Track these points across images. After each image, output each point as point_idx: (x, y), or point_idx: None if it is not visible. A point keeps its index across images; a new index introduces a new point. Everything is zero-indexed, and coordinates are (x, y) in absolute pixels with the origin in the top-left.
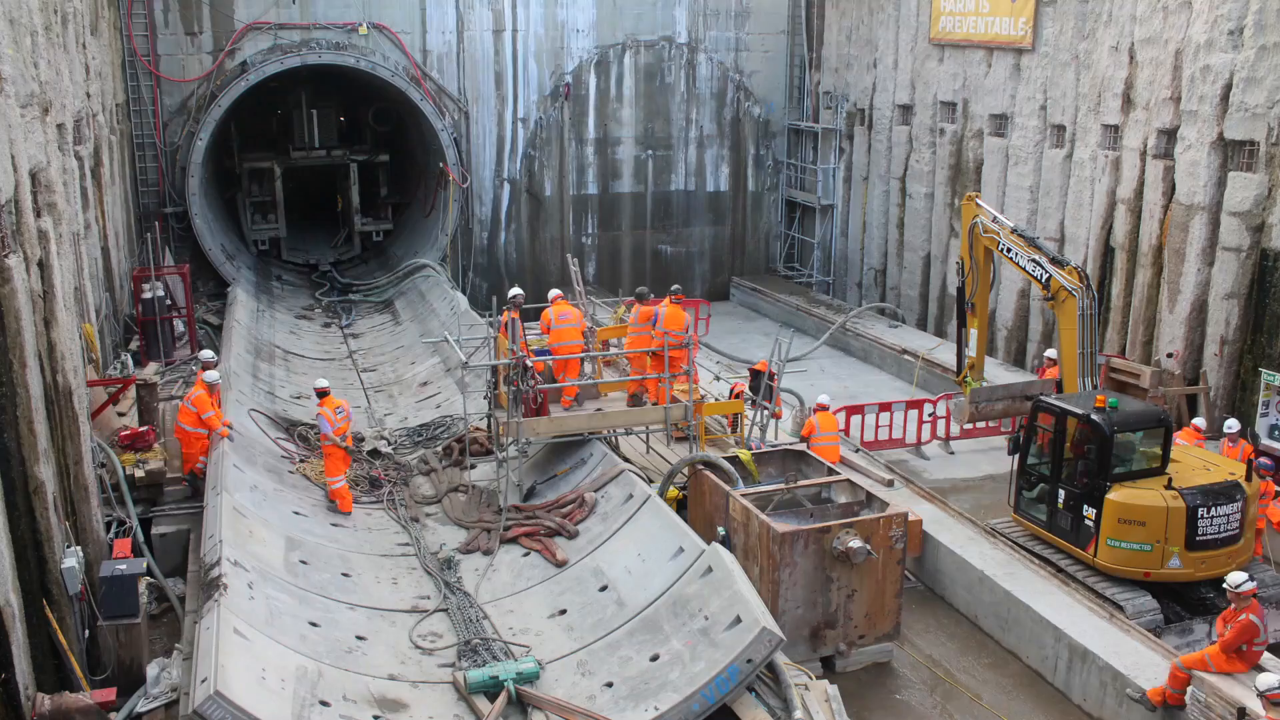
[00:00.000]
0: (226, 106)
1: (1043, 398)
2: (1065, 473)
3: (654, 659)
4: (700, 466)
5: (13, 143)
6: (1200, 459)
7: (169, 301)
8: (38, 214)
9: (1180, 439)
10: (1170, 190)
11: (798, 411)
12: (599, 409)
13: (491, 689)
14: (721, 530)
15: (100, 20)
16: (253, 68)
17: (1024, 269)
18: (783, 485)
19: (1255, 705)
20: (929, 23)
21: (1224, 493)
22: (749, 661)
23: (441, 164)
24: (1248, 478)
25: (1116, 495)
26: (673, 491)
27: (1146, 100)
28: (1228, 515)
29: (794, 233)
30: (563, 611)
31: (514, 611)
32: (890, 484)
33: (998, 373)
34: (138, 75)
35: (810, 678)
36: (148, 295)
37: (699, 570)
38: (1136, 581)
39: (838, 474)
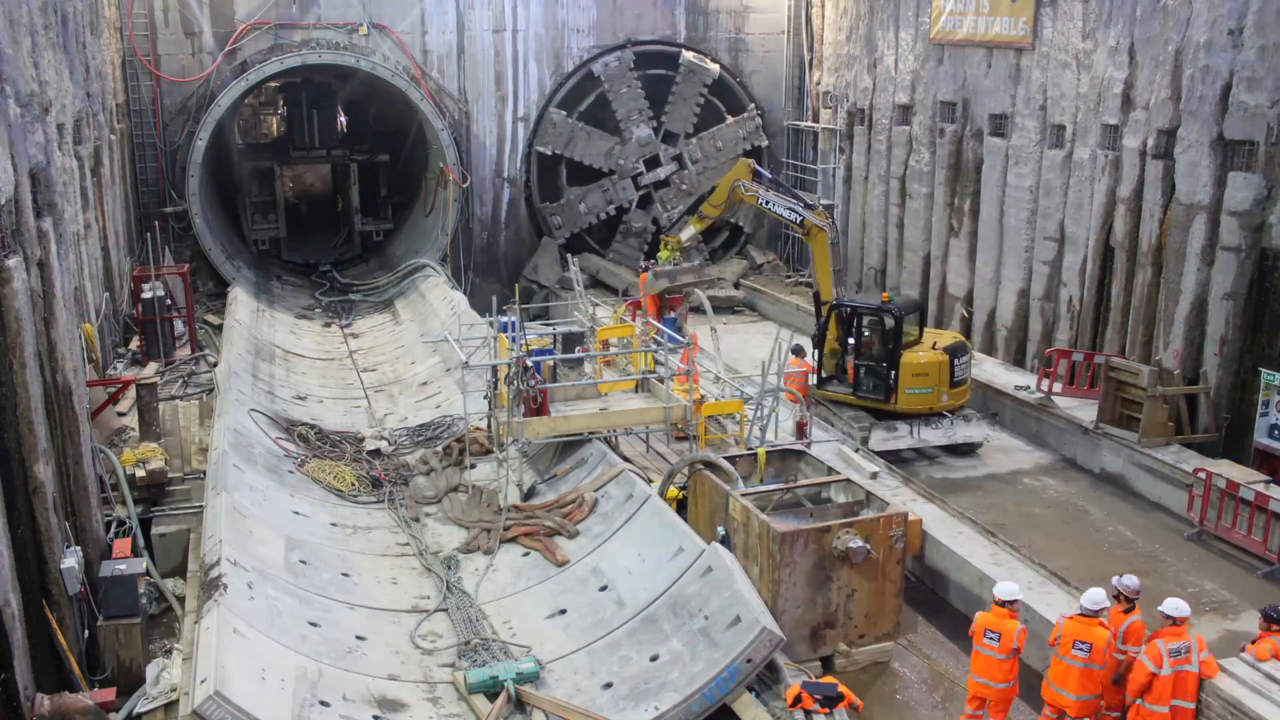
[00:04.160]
0: (226, 106)
1: (839, 301)
2: (865, 351)
3: (654, 659)
4: (700, 466)
5: (13, 143)
6: (929, 334)
7: (169, 301)
8: (38, 214)
9: None
10: (1170, 190)
11: (797, 411)
12: (600, 409)
13: (491, 689)
14: (721, 530)
15: (100, 20)
16: (253, 67)
17: (782, 216)
18: (783, 485)
19: (1255, 705)
20: (929, 23)
21: (960, 348)
22: (749, 661)
23: (441, 164)
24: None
25: (908, 358)
26: (673, 491)
27: (1146, 100)
28: (964, 363)
29: (794, 232)
30: (563, 611)
31: (514, 611)
32: (874, 476)
33: (997, 371)
34: (138, 75)
35: (810, 678)
36: (148, 295)
37: (699, 570)
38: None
39: (837, 474)
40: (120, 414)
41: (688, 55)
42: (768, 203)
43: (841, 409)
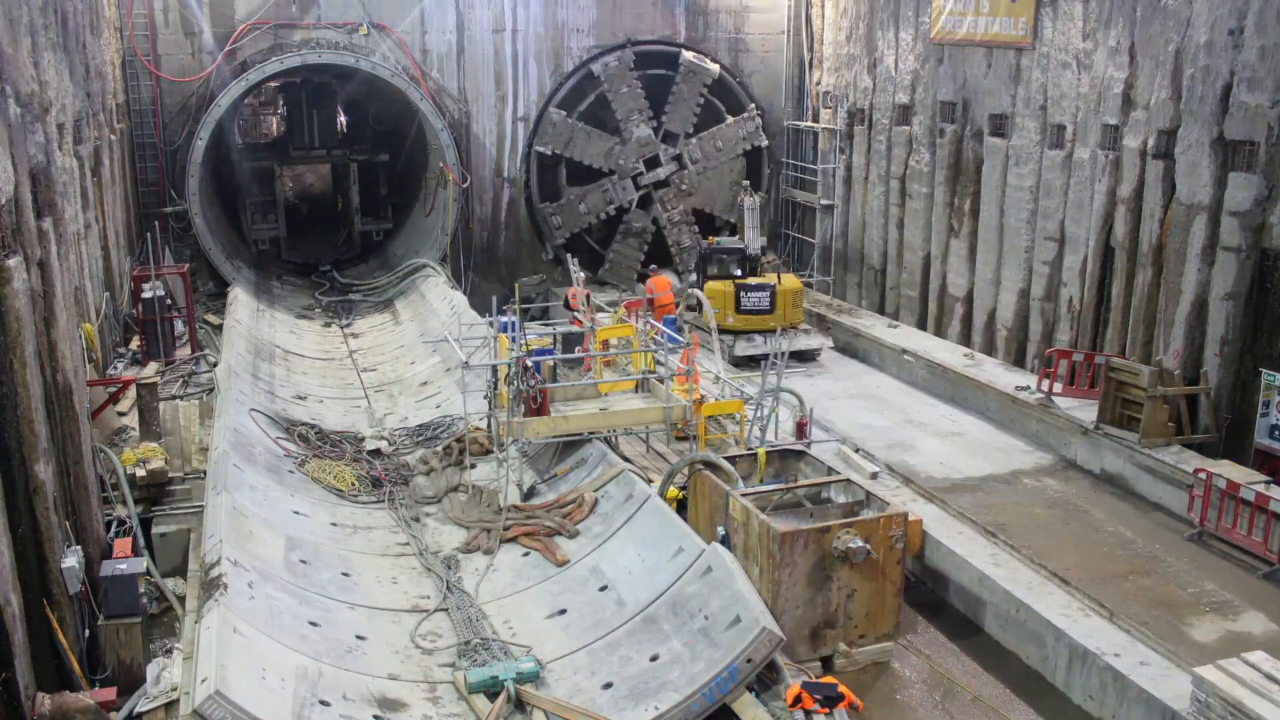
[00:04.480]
0: (226, 106)
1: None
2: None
3: (654, 659)
4: (700, 466)
5: (13, 143)
6: (768, 276)
7: (169, 301)
8: (38, 214)
9: None
10: (1170, 190)
11: (796, 410)
12: (600, 409)
13: (491, 689)
14: (721, 530)
15: (100, 20)
16: (253, 67)
17: None
18: (783, 485)
19: (1255, 705)
20: (929, 23)
21: (759, 287)
22: (749, 661)
23: (441, 164)
24: (779, 280)
25: (708, 285)
26: (673, 491)
27: (1147, 100)
28: (759, 297)
29: (794, 233)
30: (562, 611)
31: (514, 611)
32: (874, 476)
33: (997, 372)
34: (138, 75)
35: (810, 678)
36: (148, 295)
37: (699, 570)
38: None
39: (838, 474)
40: (120, 414)
41: (688, 55)
42: None
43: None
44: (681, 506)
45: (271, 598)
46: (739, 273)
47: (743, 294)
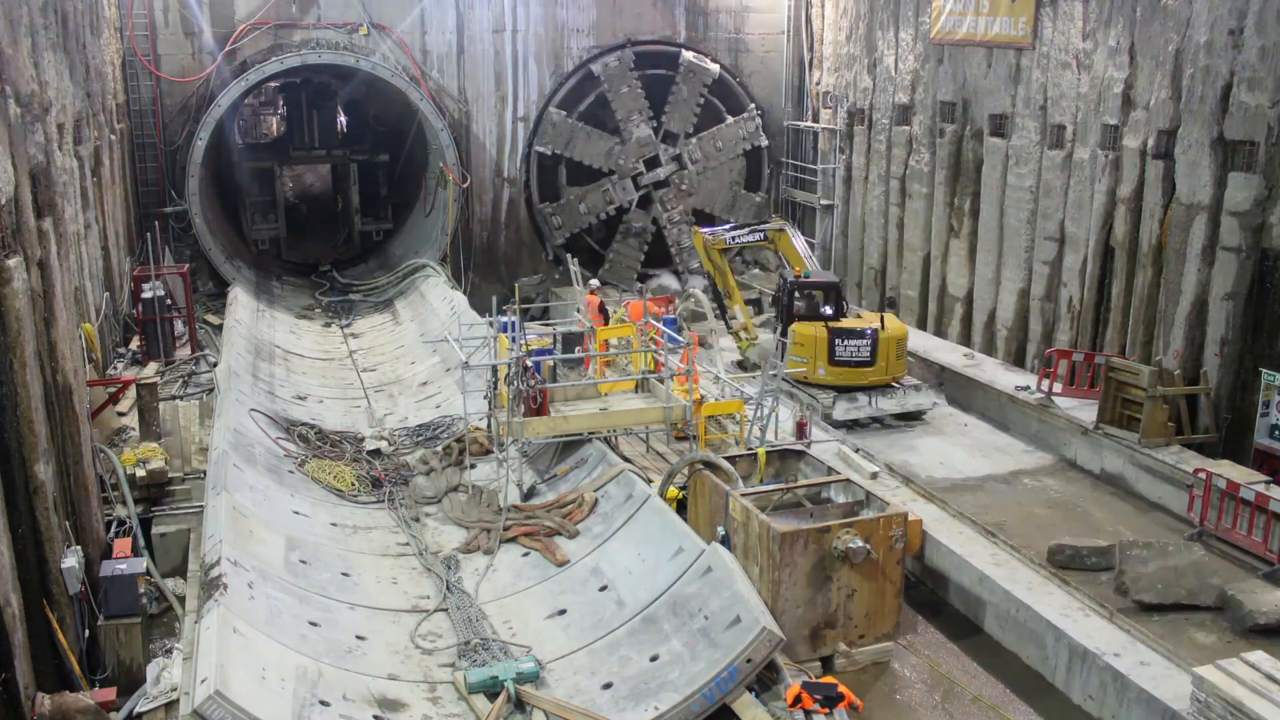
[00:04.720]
0: (226, 106)
1: (793, 276)
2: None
3: (654, 659)
4: (700, 466)
5: (13, 143)
6: (864, 316)
7: (169, 301)
8: (38, 214)
9: None
10: (1170, 190)
11: (796, 411)
12: (600, 409)
13: (491, 689)
14: (721, 530)
15: (100, 20)
16: (253, 67)
17: (750, 244)
18: (783, 485)
19: (1255, 705)
20: (929, 23)
21: (857, 332)
22: (749, 661)
23: (441, 164)
24: (882, 325)
25: (793, 328)
26: (673, 491)
27: (1147, 100)
28: (859, 345)
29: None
30: (562, 611)
31: (514, 611)
32: (875, 476)
33: (997, 372)
34: (138, 75)
35: (810, 678)
36: (148, 295)
37: (699, 570)
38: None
39: (837, 474)
40: (120, 414)
41: (688, 55)
42: (734, 239)
43: None
44: (681, 506)
45: (271, 598)
46: (830, 312)
47: (838, 343)
